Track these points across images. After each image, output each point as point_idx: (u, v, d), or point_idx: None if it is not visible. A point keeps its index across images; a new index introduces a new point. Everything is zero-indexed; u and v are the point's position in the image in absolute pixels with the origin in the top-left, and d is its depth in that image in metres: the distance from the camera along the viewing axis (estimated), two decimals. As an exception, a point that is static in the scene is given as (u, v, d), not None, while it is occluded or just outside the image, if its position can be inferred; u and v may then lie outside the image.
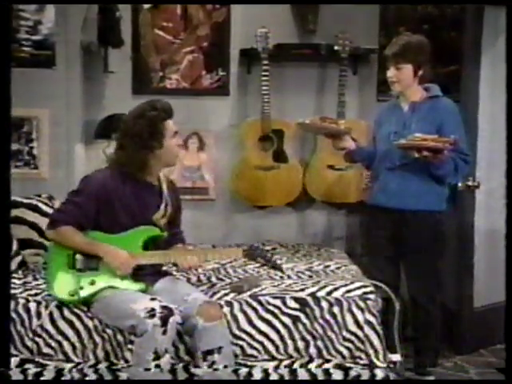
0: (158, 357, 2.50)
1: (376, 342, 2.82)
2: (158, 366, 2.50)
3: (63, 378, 2.74)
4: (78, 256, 2.76)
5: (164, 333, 2.50)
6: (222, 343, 2.61)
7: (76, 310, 2.78)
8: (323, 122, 3.27)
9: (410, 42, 2.98)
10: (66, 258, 2.77)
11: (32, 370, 2.76)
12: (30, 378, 2.75)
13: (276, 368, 2.78)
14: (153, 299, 2.60)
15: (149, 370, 2.50)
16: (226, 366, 2.60)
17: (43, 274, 3.06)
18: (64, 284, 2.76)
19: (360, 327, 2.83)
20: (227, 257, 2.99)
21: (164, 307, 2.54)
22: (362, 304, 2.85)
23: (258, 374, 2.78)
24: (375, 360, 2.82)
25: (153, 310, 2.52)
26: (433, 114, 2.98)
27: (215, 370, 2.59)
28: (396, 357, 2.94)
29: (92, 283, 2.74)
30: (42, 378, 2.74)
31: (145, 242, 2.78)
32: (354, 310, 2.84)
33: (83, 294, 2.73)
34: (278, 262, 2.96)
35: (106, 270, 2.74)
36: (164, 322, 2.50)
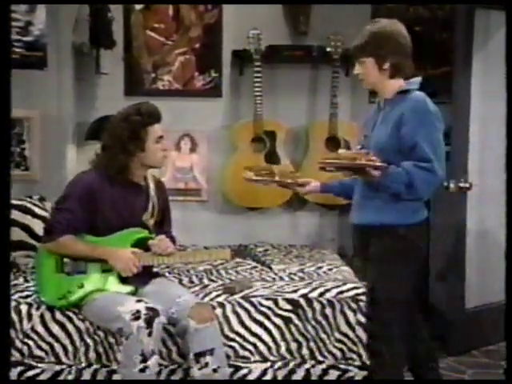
0: (145, 358, 2.49)
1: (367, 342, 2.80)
2: (145, 367, 2.49)
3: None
4: (66, 260, 2.75)
5: (149, 334, 2.49)
6: (214, 345, 2.60)
7: (67, 312, 2.78)
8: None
9: (370, 33, 2.56)
10: (55, 262, 2.76)
11: (29, 373, 2.76)
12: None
13: (267, 369, 2.80)
14: (139, 301, 2.59)
15: (142, 371, 2.50)
16: (218, 368, 2.59)
17: (34, 276, 3.04)
18: (53, 288, 2.75)
19: (352, 328, 2.84)
20: (216, 257, 2.99)
21: (149, 309, 2.53)
22: (353, 305, 2.85)
23: (255, 375, 2.80)
24: (367, 361, 2.82)
25: (138, 312, 2.51)
26: (396, 110, 2.52)
27: (214, 371, 2.58)
28: None
29: (81, 286, 2.72)
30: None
31: (133, 244, 2.76)
32: (346, 311, 2.85)
33: (72, 297, 2.73)
34: (268, 261, 2.94)
35: (94, 273, 2.73)
36: (149, 323, 2.49)
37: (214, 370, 2.58)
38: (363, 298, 2.87)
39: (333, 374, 2.83)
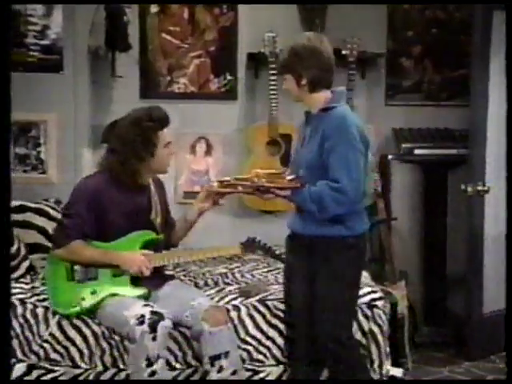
0: (151, 363, 2.49)
1: (374, 352, 2.80)
2: (153, 372, 2.49)
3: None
4: (76, 267, 2.74)
5: (154, 339, 2.48)
6: (228, 348, 2.59)
7: (83, 316, 2.77)
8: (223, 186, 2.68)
9: (288, 50, 2.60)
10: (65, 271, 2.74)
11: (47, 376, 2.76)
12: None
13: (283, 373, 2.78)
14: (146, 305, 2.58)
15: (151, 376, 2.49)
16: (235, 371, 2.58)
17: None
18: (65, 297, 2.74)
19: (364, 335, 2.81)
20: (226, 253, 2.98)
21: (154, 313, 2.52)
22: (368, 312, 2.83)
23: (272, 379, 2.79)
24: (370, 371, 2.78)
25: (142, 316, 2.50)
26: (320, 127, 2.53)
27: (233, 374, 2.57)
28: (397, 371, 2.92)
29: (93, 293, 2.71)
30: None
31: (142, 246, 2.75)
32: (360, 317, 2.81)
33: (85, 304, 2.72)
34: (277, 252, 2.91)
35: (105, 278, 2.72)
36: (153, 328, 2.48)
37: (233, 374, 2.57)
38: (379, 303, 2.85)
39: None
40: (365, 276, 3.20)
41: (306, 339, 2.64)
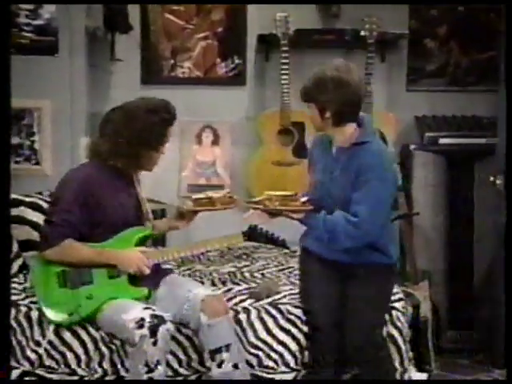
0: (151, 369, 2.44)
1: (395, 357, 2.71)
2: (150, 379, 2.44)
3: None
4: (68, 273, 2.64)
5: (154, 344, 2.42)
6: (229, 340, 2.53)
7: (81, 321, 2.71)
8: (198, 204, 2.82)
9: (313, 79, 2.57)
10: (56, 277, 2.64)
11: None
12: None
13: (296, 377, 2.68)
14: (146, 308, 2.52)
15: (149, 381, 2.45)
16: (237, 364, 2.52)
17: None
18: (59, 305, 2.64)
19: (383, 339, 2.70)
20: (229, 243, 2.96)
21: (154, 316, 2.46)
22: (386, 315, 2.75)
23: None
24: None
25: (142, 319, 2.44)
26: (355, 161, 2.56)
27: (235, 367, 2.52)
28: (421, 376, 2.86)
29: (90, 298, 2.62)
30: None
31: (137, 243, 2.70)
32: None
33: (83, 311, 2.63)
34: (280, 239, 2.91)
35: (101, 281, 2.64)
36: (153, 332, 2.42)
37: (235, 367, 2.52)
38: (398, 305, 2.75)
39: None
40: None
41: (332, 343, 2.61)
